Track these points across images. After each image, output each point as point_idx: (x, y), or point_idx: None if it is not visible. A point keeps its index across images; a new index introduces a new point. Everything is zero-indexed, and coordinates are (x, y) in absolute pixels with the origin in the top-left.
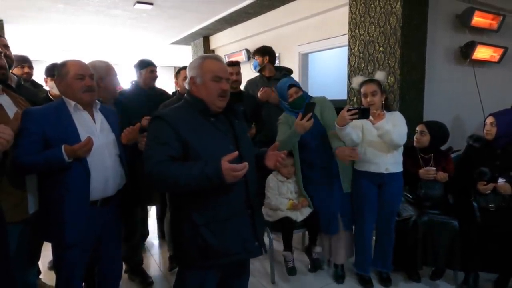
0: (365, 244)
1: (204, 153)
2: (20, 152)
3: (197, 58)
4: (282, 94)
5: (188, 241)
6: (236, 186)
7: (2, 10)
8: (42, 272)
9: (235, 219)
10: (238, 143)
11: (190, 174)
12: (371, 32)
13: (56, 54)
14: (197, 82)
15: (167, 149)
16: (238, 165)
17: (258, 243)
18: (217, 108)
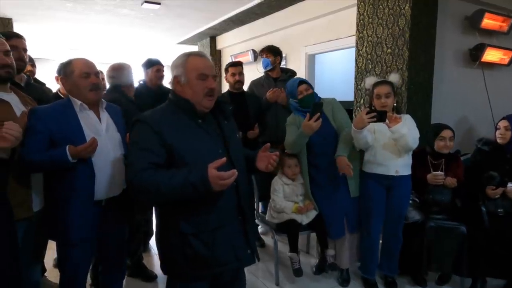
0: (371, 247)
1: (191, 158)
2: (26, 151)
3: (180, 55)
4: (292, 91)
5: (176, 250)
6: (226, 192)
7: (12, 8)
8: (47, 270)
9: (225, 227)
10: (228, 146)
11: (173, 183)
12: (379, 33)
13: (64, 53)
14: (181, 81)
15: (150, 156)
16: (225, 173)
17: (250, 251)
18: (204, 108)
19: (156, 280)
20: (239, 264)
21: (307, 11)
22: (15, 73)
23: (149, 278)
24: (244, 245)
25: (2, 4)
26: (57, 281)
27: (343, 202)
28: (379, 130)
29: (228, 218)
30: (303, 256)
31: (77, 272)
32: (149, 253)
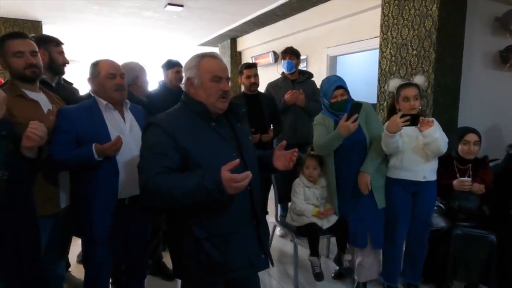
0: (395, 254)
1: (205, 162)
2: (54, 149)
3: (193, 57)
4: (326, 92)
5: (190, 257)
6: (240, 197)
7: (41, 11)
8: (71, 265)
9: (239, 232)
10: (241, 149)
11: (186, 187)
12: (404, 34)
13: (90, 54)
14: (194, 84)
15: (164, 160)
16: (239, 175)
17: (264, 256)
18: (217, 110)
19: (176, 279)
20: (253, 269)
21: (329, 13)
22: (41, 73)
23: (168, 276)
24: (257, 250)
25: (32, 7)
26: (81, 276)
27: (368, 213)
28: (406, 134)
29: (242, 222)
30: (322, 260)
31: (101, 268)
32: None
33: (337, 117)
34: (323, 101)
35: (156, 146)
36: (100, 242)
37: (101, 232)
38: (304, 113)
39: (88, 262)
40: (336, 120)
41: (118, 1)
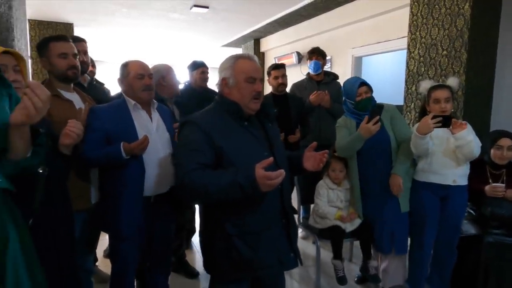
0: (422, 260)
1: (238, 160)
2: (85, 147)
3: (229, 57)
4: (350, 92)
5: (220, 252)
6: (271, 195)
7: (73, 14)
8: (99, 260)
9: (270, 230)
10: (272, 149)
11: (221, 183)
12: (433, 34)
13: (119, 56)
14: (229, 84)
15: (199, 156)
16: (273, 173)
17: (293, 255)
18: (250, 111)
19: (198, 277)
20: (282, 268)
21: (355, 13)
22: (79, 74)
23: (191, 274)
24: (287, 249)
25: (65, 11)
26: (107, 271)
27: (392, 217)
28: (437, 136)
29: (273, 221)
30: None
31: (127, 264)
32: (191, 250)
33: (359, 119)
34: (345, 103)
35: (192, 143)
36: (127, 238)
37: (127, 228)
38: (328, 114)
39: (115, 258)
40: (359, 122)
41: (147, 4)
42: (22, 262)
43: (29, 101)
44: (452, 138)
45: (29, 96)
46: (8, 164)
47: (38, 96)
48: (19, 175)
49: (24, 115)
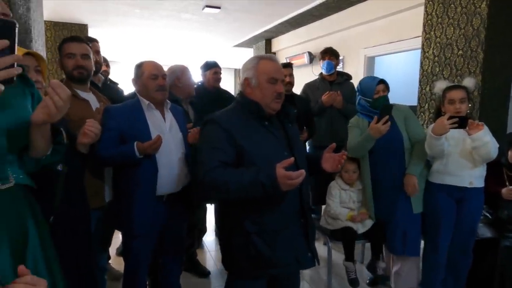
0: (437, 264)
1: (259, 159)
2: (100, 146)
3: (252, 58)
4: (368, 89)
5: (239, 249)
6: (290, 194)
7: (87, 15)
8: (111, 258)
9: (288, 229)
10: (292, 149)
11: (242, 182)
12: (449, 34)
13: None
14: (252, 84)
15: (220, 154)
16: (294, 173)
17: (311, 254)
18: (271, 111)
19: (209, 277)
20: (299, 267)
21: (368, 12)
22: (90, 75)
23: (202, 274)
24: (305, 248)
25: (79, 12)
26: (120, 268)
27: (403, 217)
28: (453, 137)
29: (291, 220)
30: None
31: (139, 262)
32: (202, 249)
33: (371, 118)
34: (359, 102)
35: (213, 141)
36: (139, 236)
37: (140, 227)
38: (340, 115)
39: (128, 255)
40: (370, 122)
41: (159, 5)
42: (41, 258)
43: (50, 100)
44: (468, 139)
45: (51, 95)
46: (29, 161)
47: (59, 95)
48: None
49: (46, 113)
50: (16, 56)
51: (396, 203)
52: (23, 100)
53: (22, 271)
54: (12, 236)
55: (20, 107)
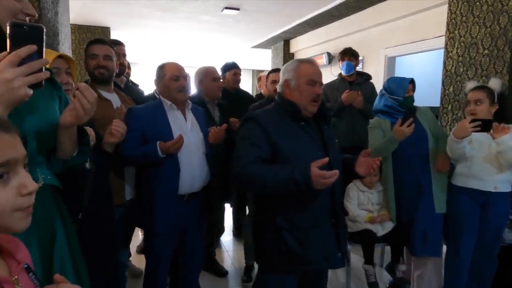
0: (459, 269)
1: (293, 158)
2: (124, 146)
3: (292, 61)
4: (400, 88)
5: (270, 244)
6: (322, 194)
7: (110, 18)
8: (132, 255)
9: (319, 227)
10: (327, 149)
11: (277, 177)
12: (474, 33)
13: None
14: (291, 85)
15: (257, 150)
16: (328, 172)
17: (341, 254)
18: (308, 113)
19: (227, 276)
20: (329, 266)
21: (389, 12)
22: (111, 75)
23: (220, 273)
24: (335, 248)
25: (102, 15)
26: (140, 266)
27: (424, 216)
28: (477, 140)
29: (322, 219)
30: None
31: (160, 260)
32: (220, 249)
33: (393, 119)
34: (385, 102)
35: (252, 137)
36: (161, 234)
37: (162, 226)
38: (361, 115)
39: (149, 253)
40: (393, 122)
41: (179, 7)
42: (68, 258)
43: (78, 102)
44: (493, 143)
45: (78, 98)
46: (56, 162)
47: (86, 98)
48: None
49: (73, 116)
50: (44, 60)
51: (419, 202)
52: (51, 103)
53: (59, 279)
54: (40, 236)
55: (49, 110)
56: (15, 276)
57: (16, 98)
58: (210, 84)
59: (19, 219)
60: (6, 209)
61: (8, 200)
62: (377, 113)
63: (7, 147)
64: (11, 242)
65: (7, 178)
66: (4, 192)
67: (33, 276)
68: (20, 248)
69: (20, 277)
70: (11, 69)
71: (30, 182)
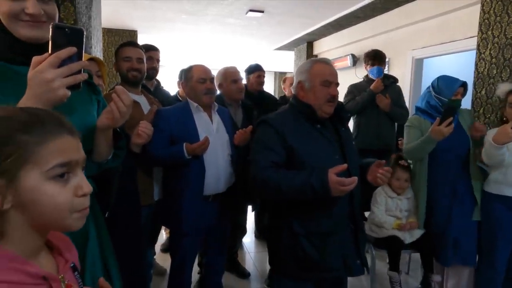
0: (493, 281)
1: (309, 161)
2: (152, 146)
3: (306, 62)
4: (448, 89)
5: (286, 250)
6: (341, 199)
7: (137, 21)
8: (156, 254)
9: (337, 234)
10: (344, 153)
11: (293, 183)
12: (509, 33)
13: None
14: (305, 87)
15: (273, 155)
16: (346, 179)
17: (360, 261)
18: (324, 114)
19: (249, 278)
20: (348, 273)
21: (417, 13)
22: (142, 78)
23: (242, 275)
24: (354, 255)
25: (130, 19)
26: (164, 265)
27: (458, 224)
28: None
29: (341, 225)
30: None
31: (186, 258)
32: (242, 250)
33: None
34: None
35: (266, 142)
36: (187, 234)
37: (188, 226)
38: (387, 118)
39: (175, 253)
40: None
41: (204, 10)
42: (99, 260)
43: (114, 105)
44: None
45: (115, 101)
46: (91, 165)
47: (123, 101)
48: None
49: (110, 118)
50: (83, 62)
51: (453, 210)
52: (90, 106)
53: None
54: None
55: (87, 113)
56: (62, 274)
57: (55, 98)
58: (231, 86)
59: (77, 219)
60: (65, 208)
61: (67, 200)
62: (417, 111)
63: (69, 148)
64: (62, 241)
65: (67, 178)
66: (64, 191)
67: (78, 275)
68: (70, 247)
69: (67, 275)
70: (52, 70)
71: (86, 184)
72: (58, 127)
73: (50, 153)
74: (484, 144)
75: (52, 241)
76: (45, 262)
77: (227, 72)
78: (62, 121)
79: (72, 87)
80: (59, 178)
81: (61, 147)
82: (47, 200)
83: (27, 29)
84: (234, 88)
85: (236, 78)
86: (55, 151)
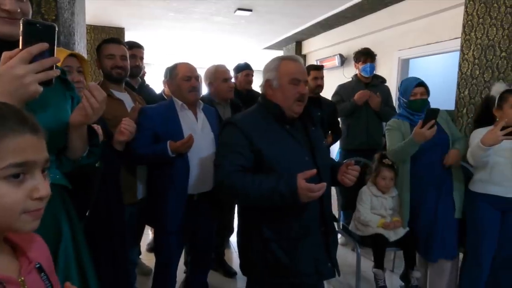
0: (478, 279)
1: (278, 164)
2: (135, 144)
3: (273, 59)
4: (406, 90)
5: (257, 255)
6: (311, 203)
7: (124, 19)
8: (142, 253)
9: (308, 238)
10: (314, 154)
11: (261, 190)
12: (491, 35)
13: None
14: (273, 86)
15: (240, 159)
16: (316, 186)
17: (331, 264)
18: (293, 114)
19: (236, 277)
20: (319, 277)
21: (403, 13)
22: (126, 75)
23: (229, 273)
24: (325, 258)
25: (117, 16)
26: (150, 264)
27: (443, 222)
28: (500, 147)
29: (311, 229)
30: (387, 274)
31: (171, 257)
32: (229, 249)
33: (412, 121)
34: (400, 102)
35: (232, 145)
36: (171, 233)
37: (172, 223)
38: (376, 117)
39: (160, 251)
40: (412, 125)
41: (191, 8)
42: (73, 259)
43: (87, 101)
44: None
45: (87, 97)
46: (66, 162)
47: (95, 97)
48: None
49: (82, 115)
50: (55, 58)
51: (437, 209)
52: (63, 102)
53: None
54: (46, 236)
55: (60, 109)
56: (23, 276)
57: (27, 94)
58: (221, 85)
59: (26, 222)
60: (15, 210)
61: (17, 201)
62: (396, 114)
63: (29, 148)
64: (25, 240)
65: (22, 179)
66: (15, 192)
67: (44, 276)
68: (34, 246)
69: (30, 277)
70: (23, 66)
71: (44, 188)
72: (20, 124)
73: (6, 151)
74: (470, 145)
75: (14, 241)
76: (5, 264)
77: (218, 70)
78: (25, 118)
79: (44, 83)
80: (13, 179)
81: (19, 146)
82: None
83: (2, 26)
84: (224, 87)
85: (226, 77)
86: (12, 149)
